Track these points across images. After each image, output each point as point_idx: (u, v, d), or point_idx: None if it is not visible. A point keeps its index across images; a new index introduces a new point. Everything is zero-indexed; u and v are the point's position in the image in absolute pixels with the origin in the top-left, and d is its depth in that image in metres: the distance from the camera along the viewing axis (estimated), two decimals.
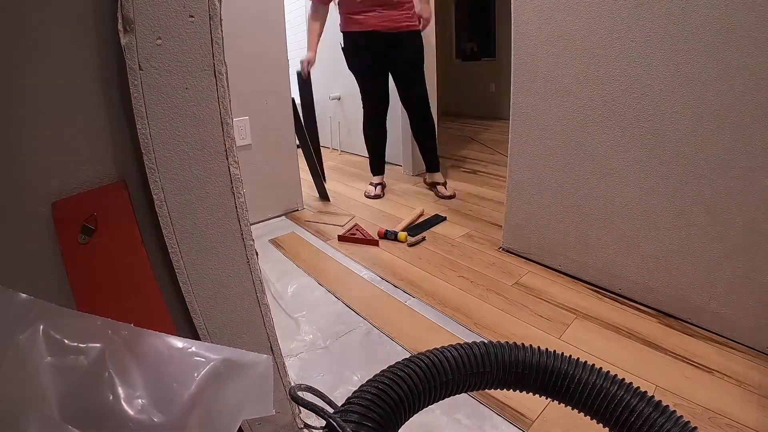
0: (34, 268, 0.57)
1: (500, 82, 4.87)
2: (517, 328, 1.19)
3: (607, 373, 0.44)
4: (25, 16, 0.51)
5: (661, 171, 1.14)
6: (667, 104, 1.09)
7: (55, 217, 0.55)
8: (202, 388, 0.31)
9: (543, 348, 0.47)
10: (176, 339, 0.34)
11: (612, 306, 1.28)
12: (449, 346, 0.46)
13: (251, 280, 0.71)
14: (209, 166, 0.63)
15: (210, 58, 0.60)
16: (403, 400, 0.41)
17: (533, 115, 1.43)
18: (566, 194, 1.39)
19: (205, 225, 0.64)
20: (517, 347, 0.47)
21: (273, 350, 0.77)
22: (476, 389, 0.47)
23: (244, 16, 1.82)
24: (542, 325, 1.20)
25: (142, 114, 0.56)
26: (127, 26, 0.53)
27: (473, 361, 0.45)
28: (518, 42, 1.41)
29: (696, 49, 1.01)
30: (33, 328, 0.29)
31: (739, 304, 1.06)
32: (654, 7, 1.06)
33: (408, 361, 0.44)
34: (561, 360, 0.46)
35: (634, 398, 0.41)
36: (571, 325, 1.19)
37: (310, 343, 1.17)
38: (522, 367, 0.46)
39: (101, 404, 0.29)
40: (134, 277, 0.59)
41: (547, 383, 0.46)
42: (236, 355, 0.34)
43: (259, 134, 1.98)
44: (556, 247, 1.47)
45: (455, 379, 0.44)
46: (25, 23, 0.51)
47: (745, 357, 1.03)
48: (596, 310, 1.25)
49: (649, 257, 1.22)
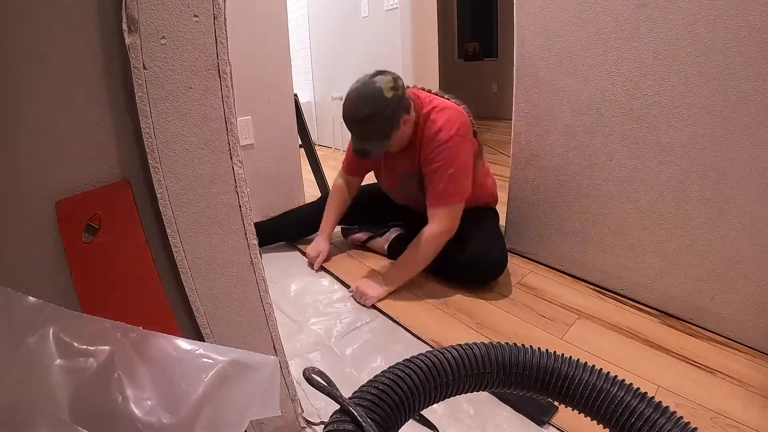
0: (38, 267, 0.57)
1: (502, 82, 4.86)
2: (520, 328, 1.19)
3: (608, 374, 0.44)
4: (30, 15, 0.51)
5: (663, 171, 1.14)
6: (670, 105, 1.09)
7: (59, 216, 0.55)
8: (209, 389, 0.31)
9: (544, 349, 0.47)
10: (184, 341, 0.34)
11: (614, 306, 1.28)
12: (450, 347, 0.47)
13: (255, 279, 0.71)
14: (213, 166, 0.63)
15: (214, 58, 0.61)
16: (403, 401, 0.41)
17: (535, 116, 1.42)
18: (568, 194, 1.39)
19: (209, 224, 0.65)
20: (518, 348, 0.47)
21: (276, 349, 0.78)
22: (477, 390, 0.47)
23: (248, 16, 1.81)
24: (544, 325, 1.20)
25: (146, 113, 0.56)
26: (132, 26, 0.53)
27: (473, 361, 0.45)
28: (521, 42, 1.41)
29: (699, 49, 1.01)
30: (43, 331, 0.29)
31: (741, 305, 1.06)
32: (656, 8, 1.06)
33: (408, 362, 0.44)
34: (561, 361, 0.46)
35: (635, 399, 0.41)
36: (574, 325, 1.19)
37: (313, 342, 1.17)
38: (523, 368, 0.46)
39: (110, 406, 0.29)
40: (138, 276, 0.60)
41: (547, 384, 0.46)
42: (243, 356, 0.34)
43: (261, 134, 1.98)
44: (559, 247, 1.47)
45: (455, 379, 0.44)
46: (30, 23, 0.51)
47: (747, 357, 1.03)
48: (598, 311, 1.25)
49: (651, 257, 1.22)
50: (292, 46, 2.08)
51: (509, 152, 1.56)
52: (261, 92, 1.94)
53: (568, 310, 1.26)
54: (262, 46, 1.89)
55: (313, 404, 0.92)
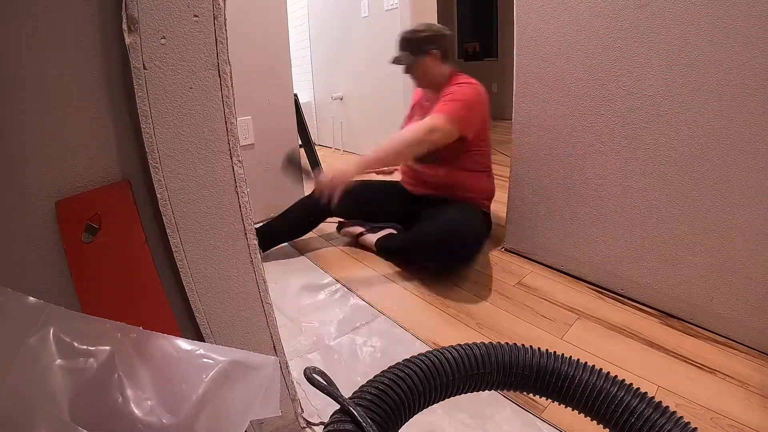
0: (38, 266, 0.57)
1: (502, 82, 4.86)
2: (520, 328, 1.19)
3: (608, 374, 0.44)
4: (30, 15, 0.51)
5: (663, 172, 1.14)
6: (670, 105, 1.09)
7: (59, 216, 0.55)
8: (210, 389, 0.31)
9: (544, 349, 0.47)
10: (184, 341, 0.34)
11: (614, 306, 1.28)
12: (450, 347, 0.47)
13: (254, 279, 0.71)
14: (213, 166, 0.63)
15: (214, 58, 0.61)
16: (403, 401, 0.41)
17: (535, 116, 1.42)
18: (569, 194, 1.39)
19: (209, 224, 0.65)
20: (518, 348, 0.47)
21: (276, 349, 0.78)
22: (477, 390, 0.47)
23: (248, 16, 1.82)
24: (545, 325, 1.20)
25: (147, 113, 0.56)
26: (132, 25, 0.53)
27: (473, 361, 0.45)
28: (521, 42, 1.41)
29: (699, 48, 1.01)
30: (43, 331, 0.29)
31: (741, 305, 1.07)
32: (657, 9, 1.06)
33: (408, 362, 0.44)
34: (561, 361, 0.46)
35: (635, 399, 0.41)
36: (574, 325, 1.19)
37: (313, 342, 1.17)
38: (523, 368, 0.46)
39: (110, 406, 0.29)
40: (138, 276, 0.60)
41: (547, 384, 0.46)
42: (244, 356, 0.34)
43: (261, 134, 1.98)
44: (559, 247, 1.47)
45: (455, 379, 0.44)
46: (30, 23, 0.51)
47: (747, 357, 1.03)
48: (598, 311, 1.25)
49: (651, 257, 1.23)
50: (292, 46, 2.08)
51: (509, 152, 1.56)
52: (261, 92, 1.94)
53: (568, 310, 1.26)
54: (262, 46, 1.89)
55: (313, 404, 0.92)
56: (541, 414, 0.90)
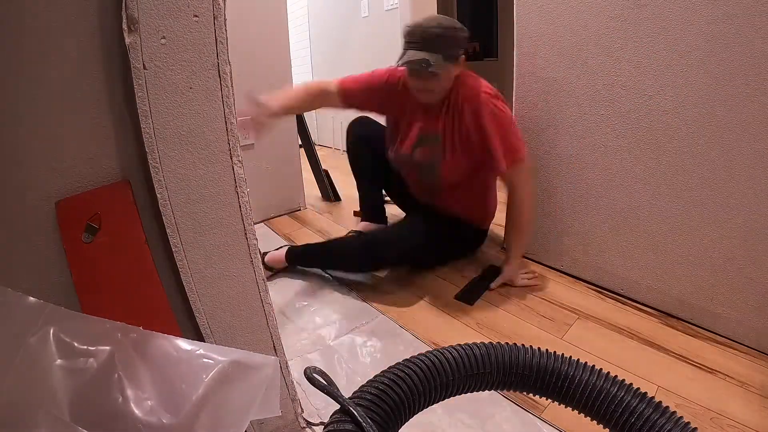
0: (38, 266, 0.57)
1: (502, 82, 4.86)
2: (520, 328, 1.19)
3: (608, 374, 0.44)
4: (30, 15, 0.51)
5: (663, 172, 1.14)
6: (670, 105, 1.09)
7: (59, 216, 0.55)
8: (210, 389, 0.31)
9: (544, 349, 0.47)
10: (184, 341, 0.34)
11: (614, 306, 1.28)
12: (450, 347, 0.47)
13: (254, 279, 0.71)
14: (213, 166, 0.63)
15: (214, 58, 0.61)
16: (403, 401, 0.41)
17: (535, 116, 1.42)
18: (568, 194, 1.39)
19: (209, 224, 0.65)
20: (518, 348, 0.47)
21: (276, 349, 0.78)
22: (477, 390, 0.47)
23: (248, 16, 1.81)
24: (544, 326, 1.20)
25: (146, 113, 0.56)
26: (132, 25, 0.53)
27: (473, 361, 0.45)
28: (521, 42, 1.41)
29: (699, 48, 1.01)
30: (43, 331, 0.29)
31: (741, 305, 1.06)
32: (657, 8, 1.06)
33: (408, 362, 0.44)
34: (561, 361, 0.46)
35: (635, 399, 0.41)
36: (574, 325, 1.19)
37: (313, 342, 1.17)
38: (523, 368, 0.46)
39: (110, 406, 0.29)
40: (138, 276, 0.60)
41: (547, 384, 0.46)
42: (244, 356, 0.34)
43: None
44: (559, 247, 1.47)
45: (455, 379, 0.45)
46: (30, 22, 0.51)
47: (747, 358, 1.03)
48: (598, 311, 1.25)
49: (651, 258, 1.22)
50: (292, 46, 2.07)
51: None
52: (261, 92, 1.94)
53: (568, 310, 1.26)
54: (262, 46, 1.89)
55: (313, 404, 0.92)
56: (541, 414, 0.90)
